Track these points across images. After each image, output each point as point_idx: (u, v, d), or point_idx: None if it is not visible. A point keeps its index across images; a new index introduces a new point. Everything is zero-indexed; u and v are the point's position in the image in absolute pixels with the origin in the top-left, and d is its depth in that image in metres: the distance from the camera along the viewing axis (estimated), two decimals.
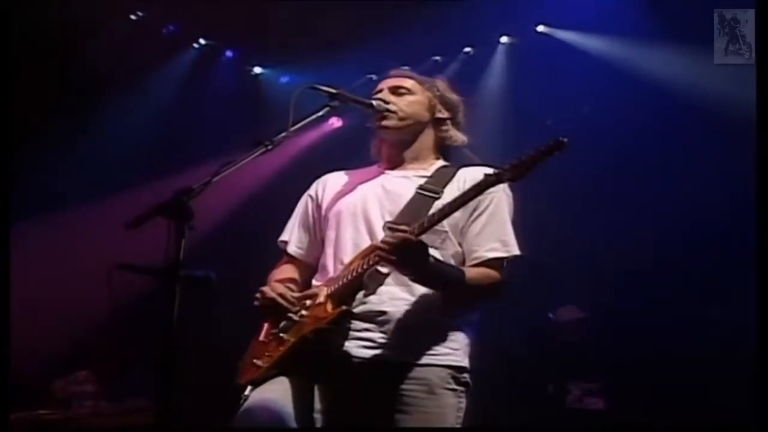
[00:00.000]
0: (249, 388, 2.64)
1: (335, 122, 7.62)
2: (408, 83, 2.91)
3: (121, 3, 6.66)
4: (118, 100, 6.78)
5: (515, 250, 2.69)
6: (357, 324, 2.60)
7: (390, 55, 7.30)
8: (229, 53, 7.43)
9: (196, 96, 7.17)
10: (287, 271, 2.95)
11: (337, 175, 3.00)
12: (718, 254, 5.49)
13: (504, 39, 6.94)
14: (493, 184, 2.42)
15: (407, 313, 2.60)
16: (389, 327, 2.59)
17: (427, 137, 2.90)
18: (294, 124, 2.58)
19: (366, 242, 2.67)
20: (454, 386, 2.62)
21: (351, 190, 2.87)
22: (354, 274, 2.59)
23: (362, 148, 3.07)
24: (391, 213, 2.69)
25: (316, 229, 2.93)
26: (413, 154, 2.88)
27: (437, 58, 7.08)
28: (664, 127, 5.84)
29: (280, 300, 2.67)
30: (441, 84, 2.98)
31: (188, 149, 6.96)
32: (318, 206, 2.95)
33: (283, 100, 7.41)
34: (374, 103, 2.82)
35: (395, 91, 2.88)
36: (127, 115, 6.87)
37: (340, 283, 2.62)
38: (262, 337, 2.75)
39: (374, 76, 7.67)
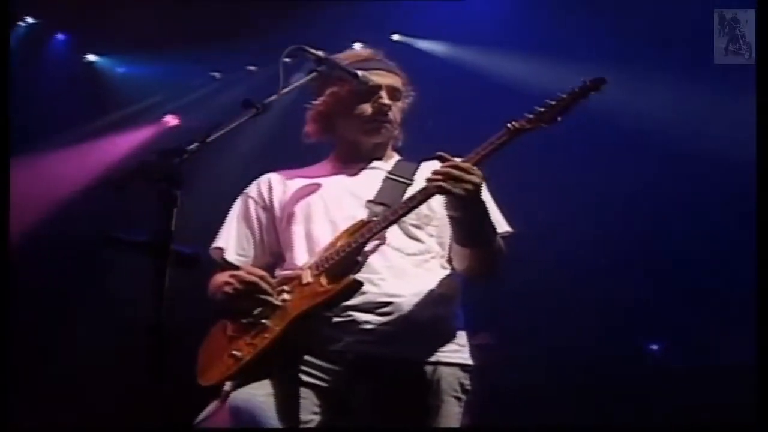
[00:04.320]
0: (229, 384, 2.36)
1: (171, 120, 7.20)
2: (402, 86, 2.72)
3: None
4: None
5: (507, 227, 2.62)
6: (358, 316, 2.39)
7: (236, 57, 7.03)
8: (60, 36, 6.79)
9: (21, 77, 6.47)
10: None
11: (281, 175, 2.76)
12: (718, 255, 5.47)
13: (357, 46, 6.87)
14: (526, 130, 2.31)
15: (411, 306, 2.42)
16: (393, 320, 2.40)
17: None
18: (284, 88, 2.45)
19: None
20: (460, 394, 2.48)
21: (312, 186, 2.66)
22: (347, 249, 2.39)
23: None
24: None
25: (263, 233, 2.69)
26: (378, 152, 2.74)
27: (287, 59, 6.87)
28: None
29: (262, 284, 2.40)
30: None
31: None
32: (265, 208, 2.70)
33: (119, 90, 6.98)
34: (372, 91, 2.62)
35: (393, 94, 2.67)
36: None
37: (331, 260, 2.40)
38: (230, 332, 2.44)
39: (217, 74, 7.39)
